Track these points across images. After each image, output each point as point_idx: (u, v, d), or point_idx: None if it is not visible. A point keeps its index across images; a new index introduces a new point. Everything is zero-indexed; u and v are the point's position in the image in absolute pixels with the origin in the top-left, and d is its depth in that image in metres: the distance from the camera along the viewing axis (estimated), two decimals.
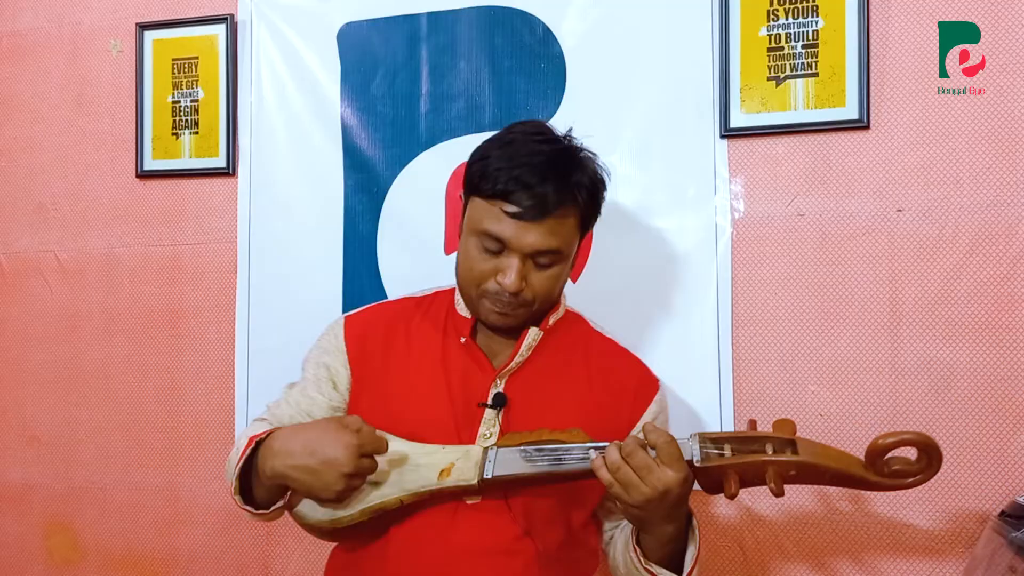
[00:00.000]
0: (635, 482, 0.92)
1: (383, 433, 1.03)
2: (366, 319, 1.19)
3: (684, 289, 1.55)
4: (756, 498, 1.50)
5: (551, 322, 1.15)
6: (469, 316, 1.13)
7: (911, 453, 0.94)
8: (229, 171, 1.80)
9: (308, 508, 1.06)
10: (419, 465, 1.03)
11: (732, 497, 0.93)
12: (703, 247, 1.54)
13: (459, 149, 1.67)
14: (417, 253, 1.68)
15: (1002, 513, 1.35)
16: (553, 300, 1.13)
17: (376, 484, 1.02)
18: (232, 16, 1.80)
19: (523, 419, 1.08)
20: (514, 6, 1.65)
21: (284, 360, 1.58)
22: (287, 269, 1.76)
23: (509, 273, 1.03)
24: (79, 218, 1.91)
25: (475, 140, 1.61)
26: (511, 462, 1.01)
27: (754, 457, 0.93)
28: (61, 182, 1.93)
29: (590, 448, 0.99)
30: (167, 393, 1.84)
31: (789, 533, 1.49)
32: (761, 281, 1.52)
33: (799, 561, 1.48)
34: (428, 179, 1.69)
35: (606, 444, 0.97)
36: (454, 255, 1.64)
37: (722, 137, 1.54)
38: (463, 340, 1.12)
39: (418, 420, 1.09)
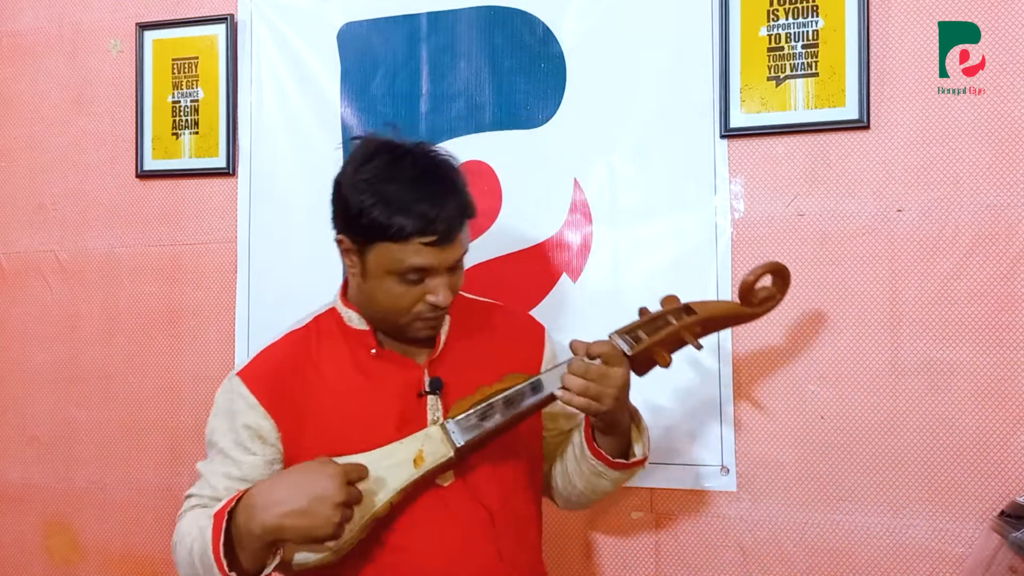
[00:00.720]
0: (601, 391, 1.04)
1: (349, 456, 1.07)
2: (262, 367, 1.16)
3: (684, 289, 1.53)
4: (756, 498, 1.51)
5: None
6: (366, 328, 1.16)
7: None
8: (229, 171, 1.80)
9: (307, 553, 1.04)
10: (390, 466, 1.06)
11: (668, 365, 1.08)
12: (703, 247, 1.54)
13: (459, 149, 1.65)
14: None
15: (1002, 513, 1.35)
16: None
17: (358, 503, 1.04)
18: (232, 16, 1.80)
19: (458, 394, 1.12)
20: (514, 6, 1.65)
21: None
22: (287, 269, 1.76)
23: (441, 292, 1.08)
24: (79, 218, 1.91)
25: (475, 140, 1.66)
26: (472, 424, 1.07)
27: (667, 330, 1.09)
28: (61, 182, 1.93)
29: (533, 382, 1.09)
30: (167, 393, 1.84)
31: (789, 533, 1.49)
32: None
33: (799, 561, 1.48)
34: None
35: (543, 374, 1.10)
36: None
37: (722, 137, 1.54)
38: (373, 351, 1.15)
39: (365, 432, 1.10)
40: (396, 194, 1.05)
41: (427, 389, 1.13)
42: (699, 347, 1.11)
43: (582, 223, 1.61)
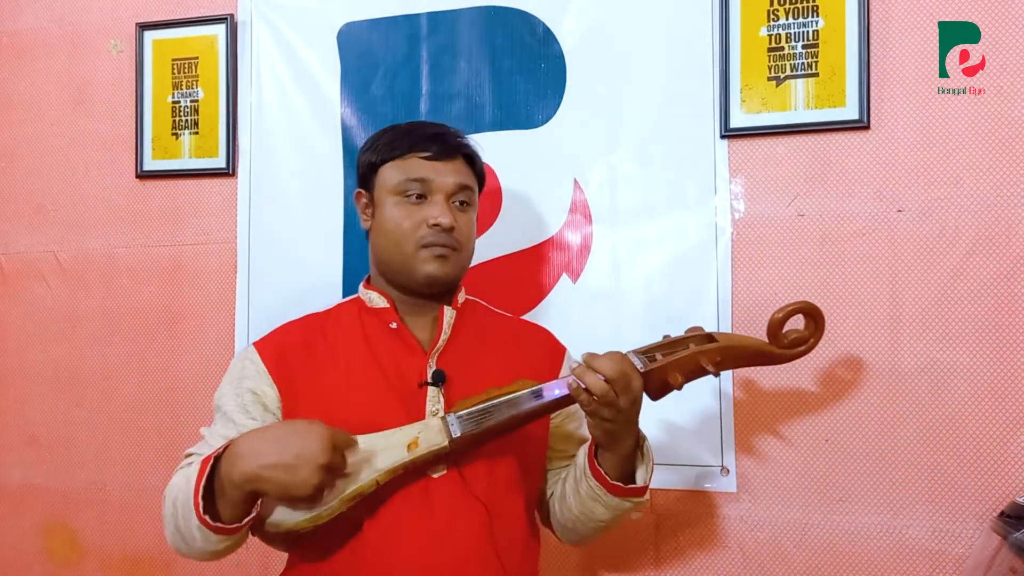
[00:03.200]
0: (614, 399, 1.01)
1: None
2: (277, 340, 1.19)
3: (684, 289, 1.55)
4: (756, 498, 1.51)
5: (459, 302, 1.22)
6: (386, 305, 1.18)
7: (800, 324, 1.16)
8: (229, 171, 1.80)
9: (284, 514, 1.02)
10: (384, 448, 1.05)
11: (680, 387, 1.06)
12: (703, 247, 1.54)
13: None
14: None
15: (1002, 513, 1.35)
16: (470, 253, 1.21)
17: (346, 476, 1.02)
18: (232, 16, 1.80)
19: (461, 392, 1.11)
20: (514, 6, 1.65)
21: None
22: (287, 269, 1.76)
23: (438, 210, 1.13)
24: (79, 218, 1.91)
25: (475, 140, 1.65)
26: (472, 421, 1.06)
27: (684, 353, 1.08)
28: (61, 182, 1.93)
29: (536, 388, 1.07)
30: (167, 393, 1.84)
31: (789, 534, 1.49)
32: (761, 281, 1.52)
33: (799, 562, 1.48)
34: None
35: (552, 382, 1.07)
36: None
37: (722, 137, 1.54)
38: (394, 326, 1.16)
39: (365, 411, 1.10)
40: (405, 129, 1.19)
41: (429, 380, 1.12)
42: (716, 374, 1.10)
43: (582, 223, 1.61)
